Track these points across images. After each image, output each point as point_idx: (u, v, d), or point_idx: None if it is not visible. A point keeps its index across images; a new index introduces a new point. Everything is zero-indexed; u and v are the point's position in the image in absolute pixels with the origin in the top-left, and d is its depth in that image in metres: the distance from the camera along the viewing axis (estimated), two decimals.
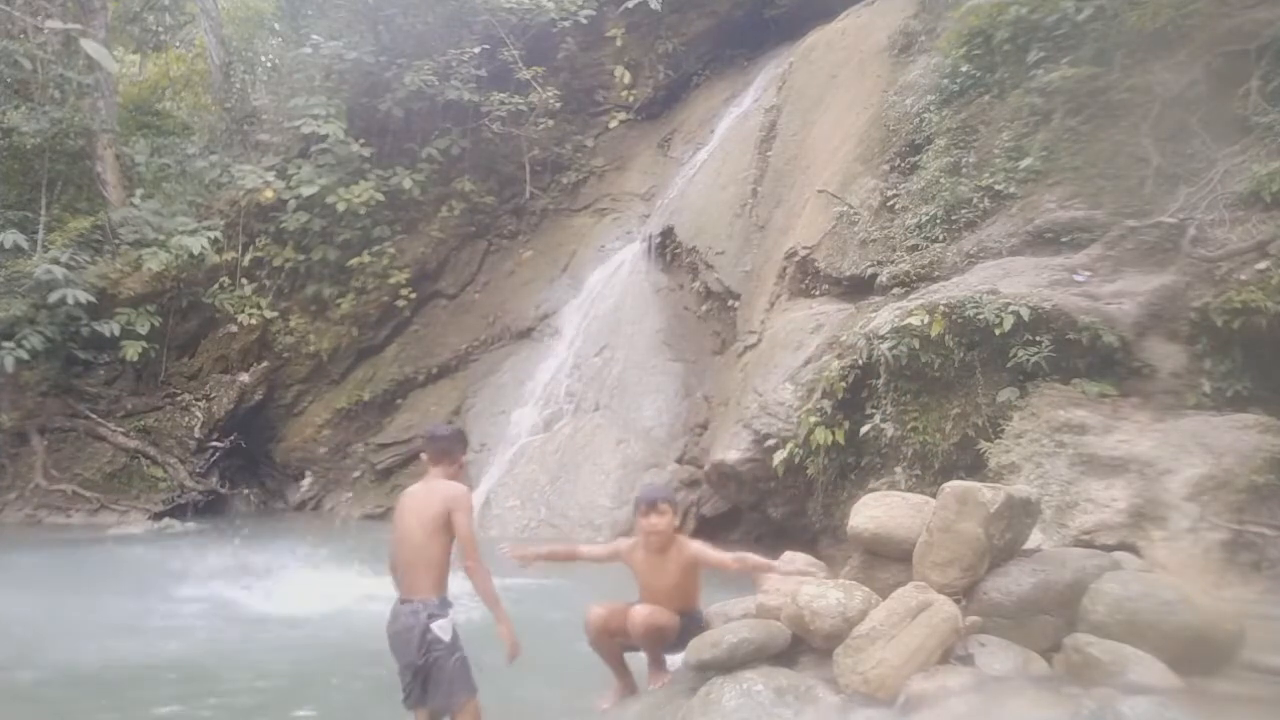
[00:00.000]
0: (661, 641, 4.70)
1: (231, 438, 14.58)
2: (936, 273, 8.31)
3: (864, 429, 7.47)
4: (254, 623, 7.43)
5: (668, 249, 13.89)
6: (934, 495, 4.36)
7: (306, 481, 15.08)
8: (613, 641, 4.76)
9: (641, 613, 4.59)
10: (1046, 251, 7.60)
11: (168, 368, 14.59)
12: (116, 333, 13.48)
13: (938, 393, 7.16)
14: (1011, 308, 6.68)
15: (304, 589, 8.40)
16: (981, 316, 6.75)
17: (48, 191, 14.91)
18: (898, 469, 7.24)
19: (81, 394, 14.04)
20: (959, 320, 6.90)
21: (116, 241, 14.42)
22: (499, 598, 4.01)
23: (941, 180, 8.83)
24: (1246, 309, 6.22)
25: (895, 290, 8.61)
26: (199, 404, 14.48)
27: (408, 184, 14.76)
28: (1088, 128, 8.02)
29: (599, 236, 15.38)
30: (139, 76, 20.39)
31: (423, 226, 15.33)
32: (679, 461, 11.81)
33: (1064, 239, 7.58)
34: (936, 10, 11.15)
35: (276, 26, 20.09)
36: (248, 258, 14.82)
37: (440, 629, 3.89)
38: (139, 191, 15.18)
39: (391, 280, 14.77)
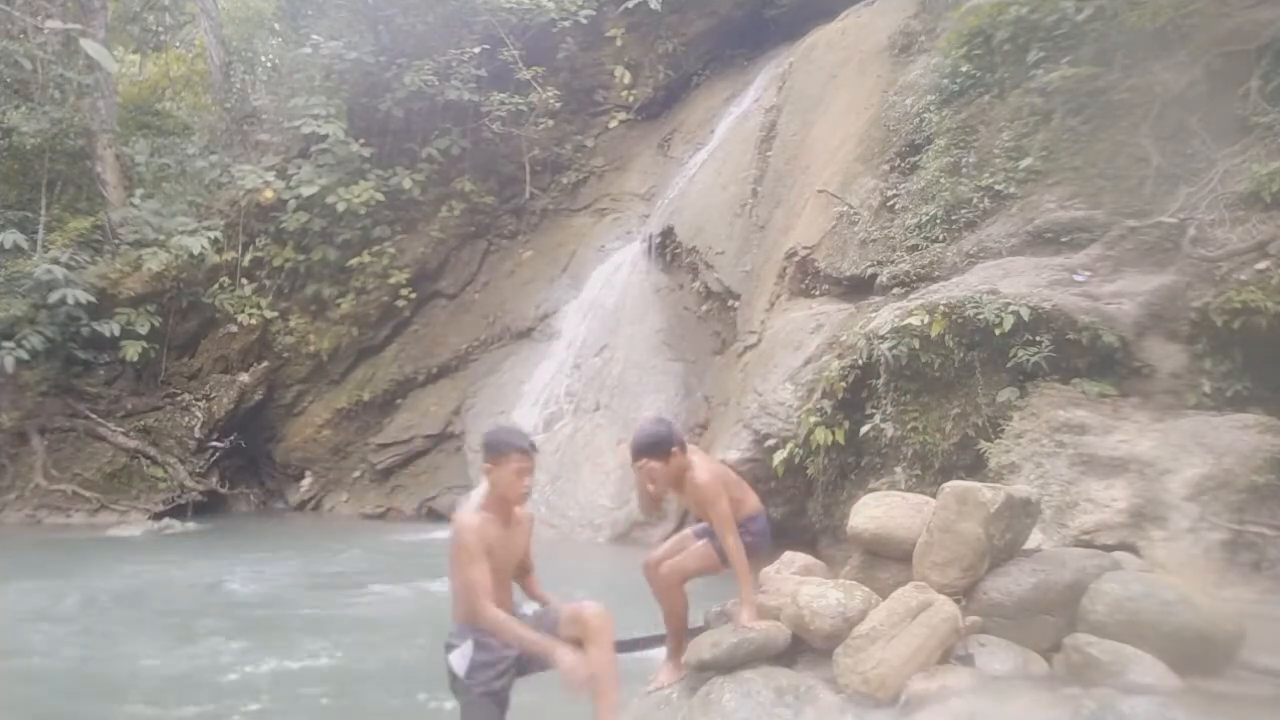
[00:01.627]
0: (680, 611, 4.51)
1: (231, 438, 14.58)
2: (936, 273, 8.30)
3: (864, 429, 7.46)
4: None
5: (668, 249, 13.88)
6: (934, 495, 4.35)
7: (306, 481, 15.09)
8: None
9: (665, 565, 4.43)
10: (1046, 251, 7.60)
11: (168, 368, 14.60)
12: (116, 333, 13.48)
13: (938, 393, 7.16)
14: (1011, 308, 6.67)
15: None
16: (981, 316, 6.75)
17: (48, 191, 14.92)
18: (898, 469, 7.23)
19: (81, 394, 14.04)
20: (959, 320, 6.90)
21: (116, 241, 14.42)
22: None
23: (941, 180, 8.83)
24: (1246, 309, 6.22)
25: (895, 290, 8.60)
26: (199, 404, 14.48)
27: (408, 184, 14.76)
28: (1088, 128, 8.02)
29: (599, 236, 15.38)
30: (139, 76, 20.38)
31: (423, 226, 15.33)
32: None
33: (1064, 239, 7.58)
34: (936, 10, 11.15)
35: (276, 26, 20.10)
36: (248, 258, 14.82)
37: (453, 660, 3.58)
38: (139, 191, 15.18)
39: (391, 280, 14.77)
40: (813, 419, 7.83)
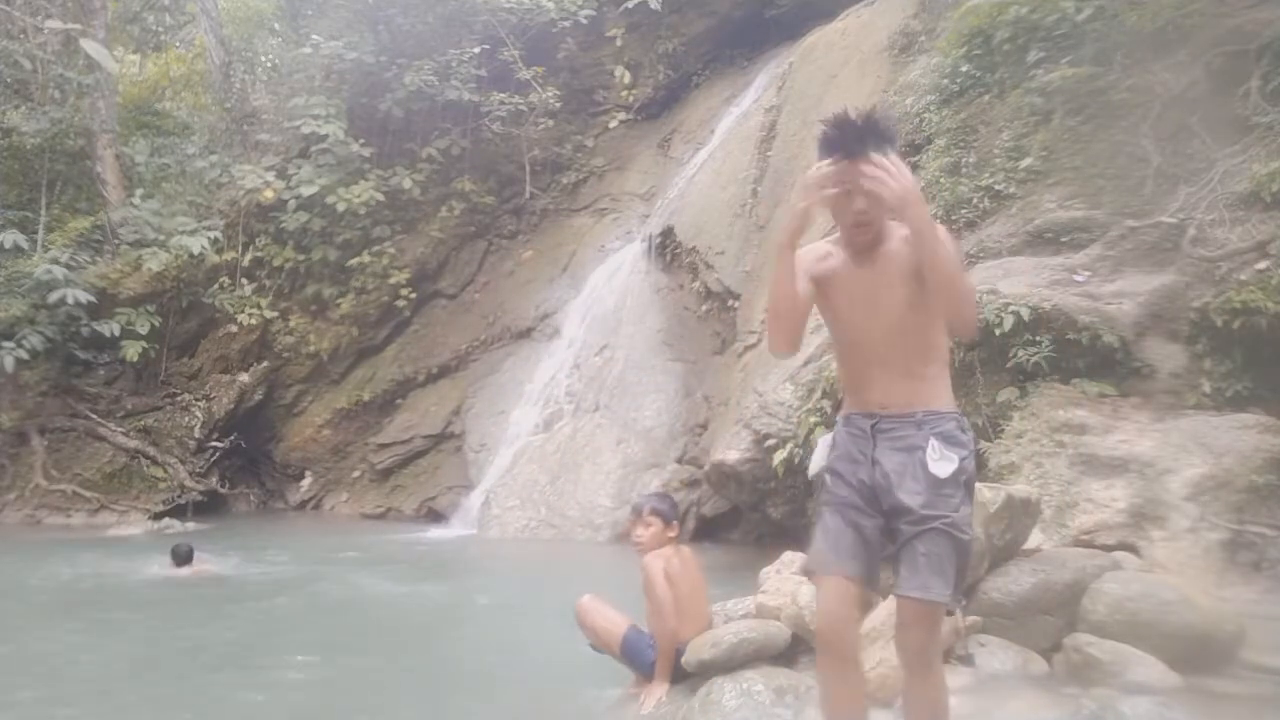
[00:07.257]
0: (602, 640, 4.73)
1: (231, 438, 14.58)
2: None
3: None
4: None
5: (668, 249, 13.89)
6: None
7: (306, 481, 15.09)
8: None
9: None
10: (1046, 251, 7.59)
11: (168, 368, 14.58)
12: (116, 333, 13.46)
13: None
14: (1011, 308, 6.67)
15: None
16: (981, 316, 6.75)
17: (48, 191, 14.91)
18: None
19: (81, 394, 14.03)
20: None
21: (116, 241, 14.41)
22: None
23: (941, 180, 8.83)
24: (1246, 309, 6.21)
25: None
26: (199, 404, 14.48)
27: (408, 184, 14.76)
28: (1088, 128, 8.01)
29: (599, 236, 15.38)
30: (139, 76, 20.37)
31: (423, 226, 15.33)
32: (679, 461, 11.83)
33: (1064, 239, 7.57)
34: (936, 10, 11.14)
35: (276, 26, 20.08)
36: (248, 258, 14.81)
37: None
38: (139, 191, 15.16)
39: (391, 280, 14.77)
40: (813, 419, 7.82)
